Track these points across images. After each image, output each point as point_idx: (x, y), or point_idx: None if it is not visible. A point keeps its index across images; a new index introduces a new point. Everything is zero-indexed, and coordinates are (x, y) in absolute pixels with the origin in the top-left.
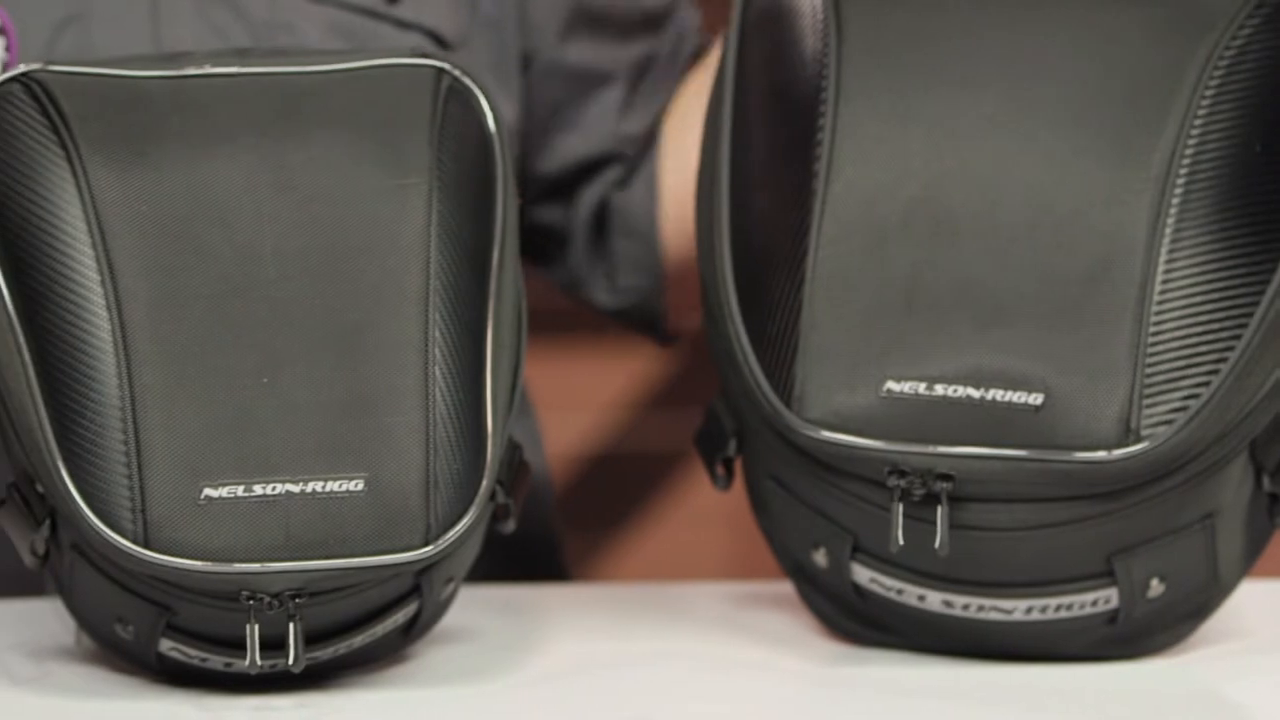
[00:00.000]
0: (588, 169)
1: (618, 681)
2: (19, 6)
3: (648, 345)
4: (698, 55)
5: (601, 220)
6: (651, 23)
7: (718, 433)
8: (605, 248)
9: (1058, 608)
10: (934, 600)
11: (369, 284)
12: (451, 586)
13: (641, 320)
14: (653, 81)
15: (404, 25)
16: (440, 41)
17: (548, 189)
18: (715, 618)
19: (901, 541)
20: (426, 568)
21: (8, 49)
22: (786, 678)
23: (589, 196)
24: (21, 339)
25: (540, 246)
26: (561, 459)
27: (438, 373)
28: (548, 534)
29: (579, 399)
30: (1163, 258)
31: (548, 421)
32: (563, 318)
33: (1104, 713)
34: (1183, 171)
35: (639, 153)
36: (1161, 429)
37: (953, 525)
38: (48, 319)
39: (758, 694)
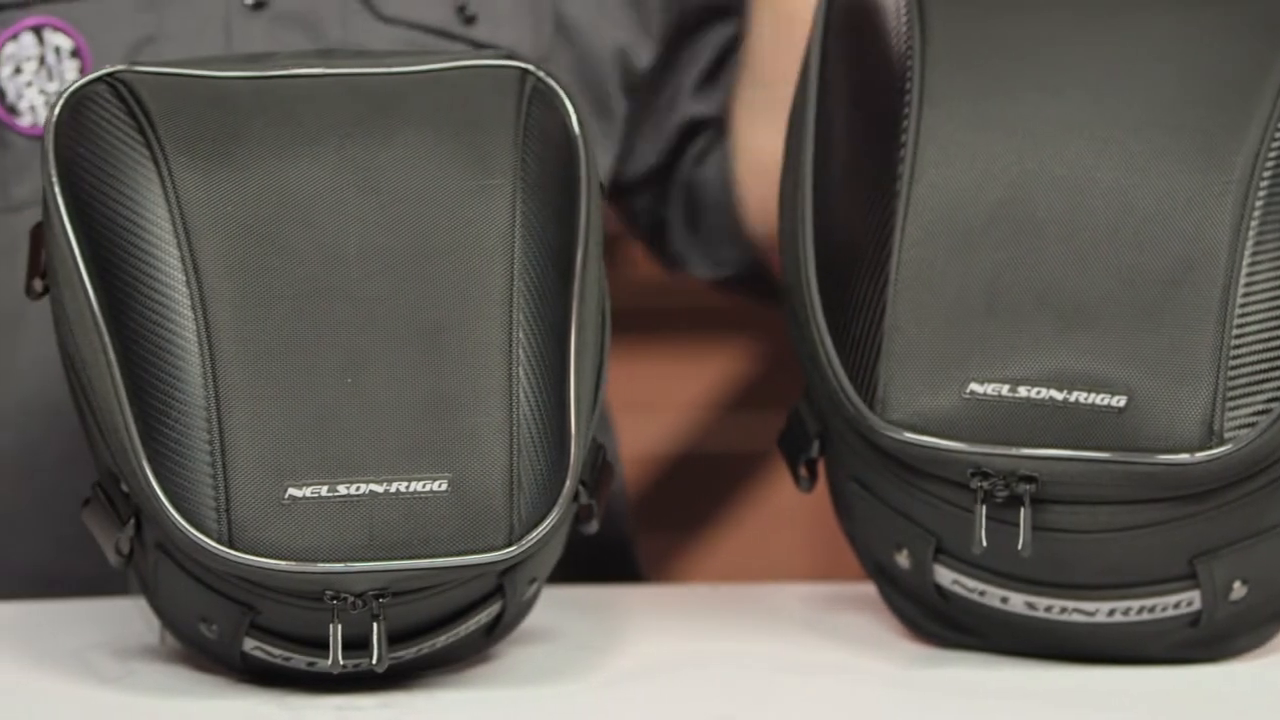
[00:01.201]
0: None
1: (698, 682)
2: (93, 29)
3: (729, 346)
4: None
5: (689, 197)
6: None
7: (801, 434)
8: (697, 223)
9: (1140, 610)
10: (1016, 602)
11: (453, 284)
12: (534, 587)
13: (751, 285)
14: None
15: (479, 46)
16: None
17: (640, 183)
18: (796, 619)
19: (984, 543)
20: (509, 568)
21: (82, 71)
22: (868, 680)
23: (678, 178)
24: (107, 339)
25: (645, 232)
26: (642, 460)
27: (521, 373)
28: (621, 537)
29: (660, 399)
30: (1245, 260)
31: (628, 422)
32: (646, 318)
33: (1186, 715)
34: (1266, 174)
35: (715, 133)
36: (1244, 431)
37: (1035, 527)
38: (133, 319)
39: (838, 696)
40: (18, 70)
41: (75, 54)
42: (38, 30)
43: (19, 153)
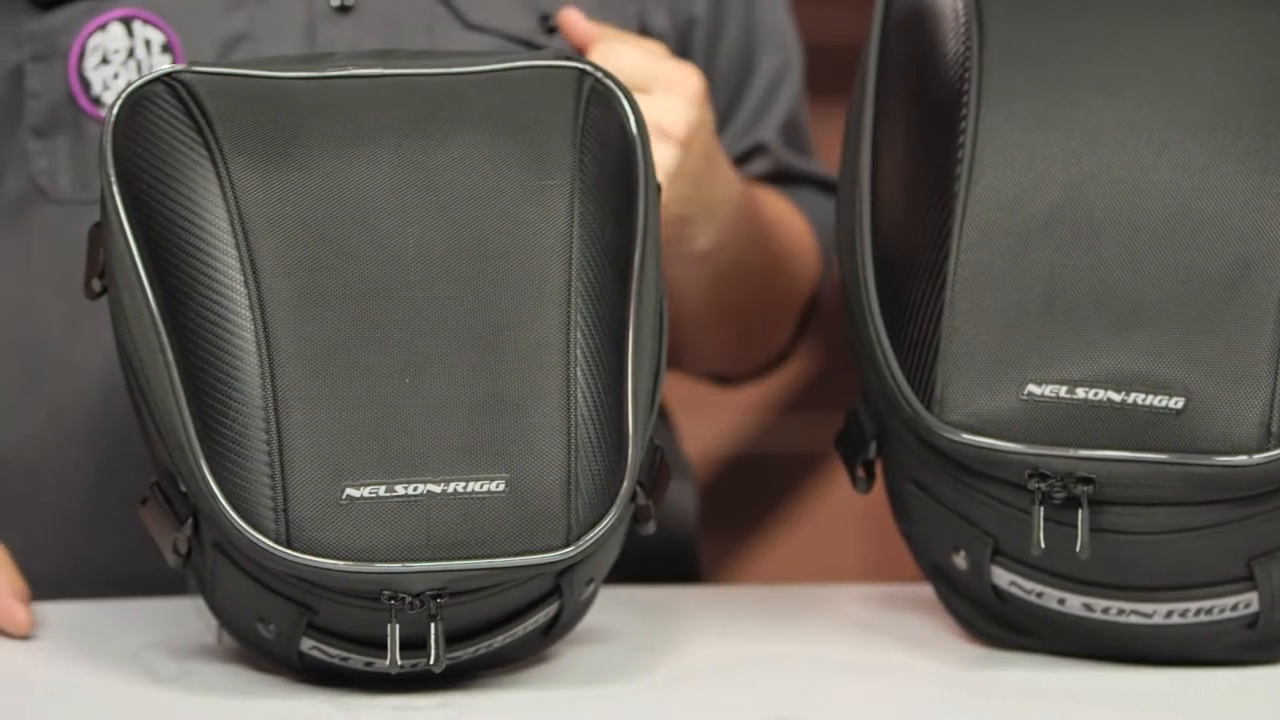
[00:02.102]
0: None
1: (755, 683)
2: (185, 24)
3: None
4: None
5: None
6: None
7: (858, 435)
8: None
9: (1197, 611)
10: (1074, 603)
11: (511, 285)
12: (591, 587)
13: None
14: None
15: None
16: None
17: None
18: (853, 620)
19: (1042, 545)
20: (567, 568)
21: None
22: (925, 680)
23: None
24: (165, 338)
25: None
26: (699, 460)
27: (579, 374)
28: (688, 535)
29: (717, 400)
30: None
31: (685, 422)
32: None
33: (1243, 717)
34: None
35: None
36: None
37: (1093, 528)
38: (191, 319)
39: (895, 697)
40: (104, 61)
41: (167, 49)
42: (127, 22)
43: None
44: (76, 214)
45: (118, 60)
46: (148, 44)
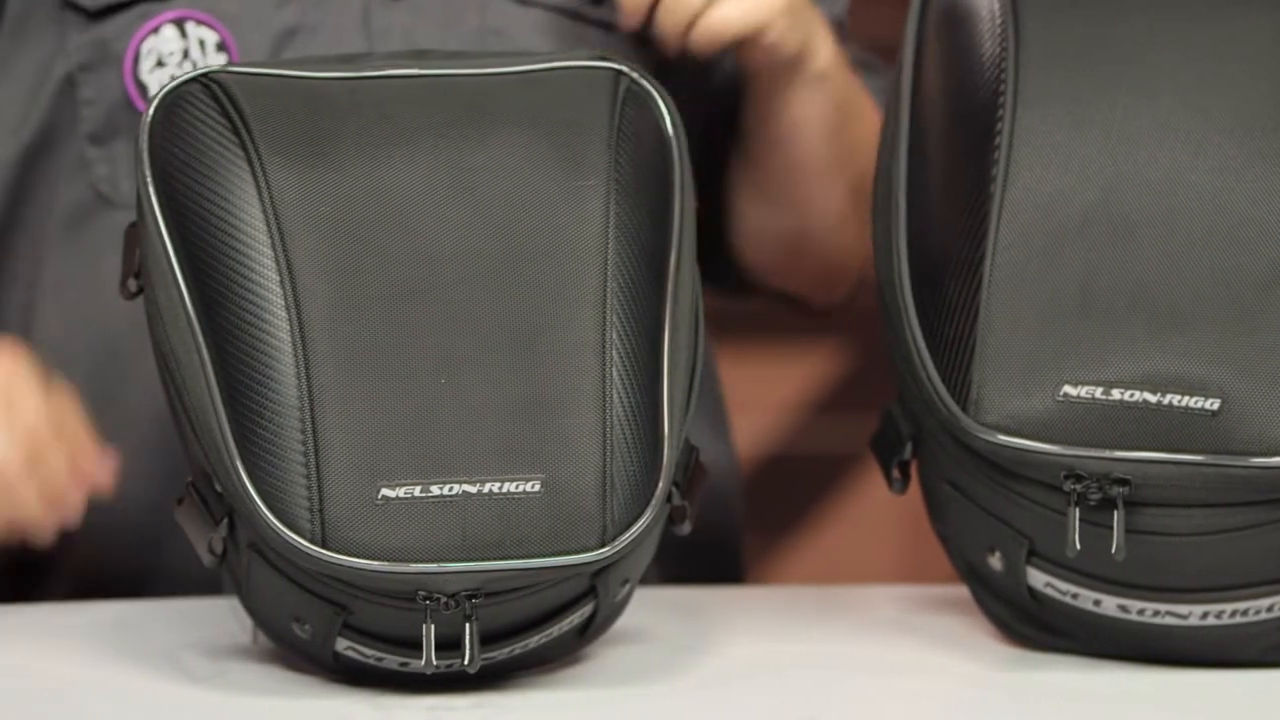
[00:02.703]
0: None
1: (790, 683)
2: (237, 21)
3: (821, 347)
4: None
5: None
6: None
7: (894, 436)
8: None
9: (1233, 613)
10: (1109, 605)
11: (547, 286)
12: (627, 588)
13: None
14: None
15: (607, 27)
16: (643, 41)
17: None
18: (889, 620)
19: (1078, 546)
20: (602, 569)
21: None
22: (960, 681)
23: None
24: (201, 338)
25: None
26: None
27: (615, 374)
28: (731, 537)
29: (752, 401)
30: None
31: None
32: (738, 319)
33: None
34: None
35: None
36: None
37: (1129, 530)
38: (227, 318)
39: (930, 697)
40: (159, 64)
41: (221, 47)
42: (179, 23)
43: None
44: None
45: (173, 62)
46: (202, 44)
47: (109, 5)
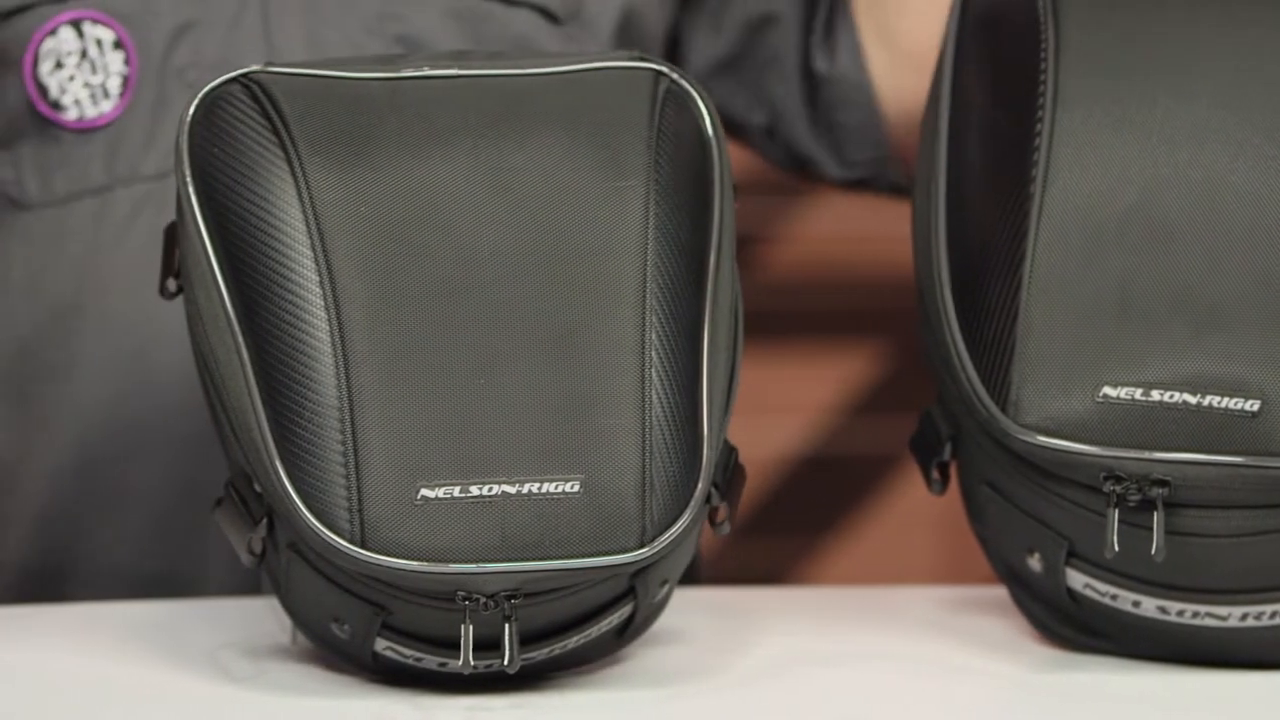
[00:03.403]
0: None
1: (828, 684)
2: (134, 21)
3: (860, 348)
4: None
5: (815, 94)
6: None
7: (933, 437)
8: (827, 121)
9: (1273, 615)
10: (1149, 606)
11: (586, 286)
12: (666, 588)
13: (877, 187)
14: None
15: (512, 4)
16: (550, 16)
17: (721, 66)
18: (927, 621)
19: (1117, 547)
20: (641, 570)
21: (127, 62)
22: (999, 683)
23: (749, 75)
24: (240, 339)
25: (738, 129)
26: (773, 462)
27: (654, 375)
28: None
29: (791, 402)
30: None
31: (760, 425)
32: (777, 320)
33: None
34: None
35: (826, 13)
36: None
37: (1168, 531)
38: (266, 319)
39: (969, 698)
40: (59, 65)
41: (118, 45)
42: (76, 24)
43: (65, 146)
44: (41, 216)
45: (71, 63)
46: (99, 43)
47: (5, 10)
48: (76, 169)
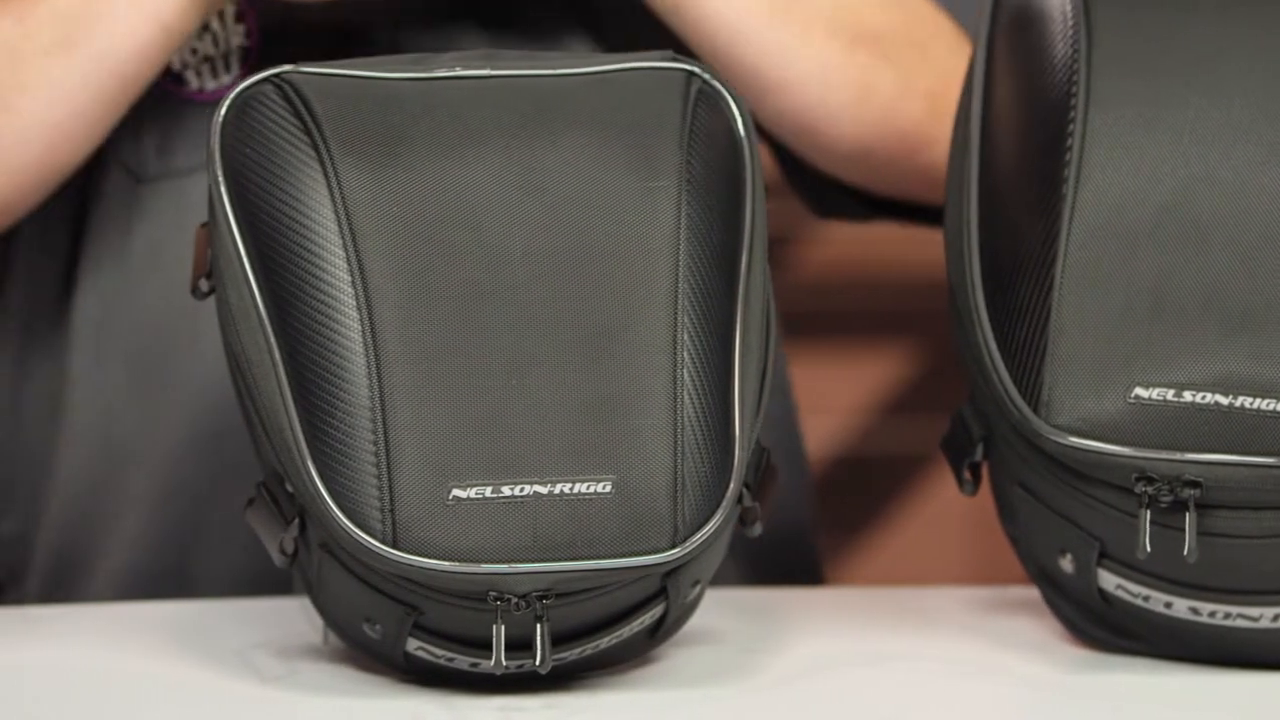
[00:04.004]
0: None
1: (861, 685)
2: None
3: (891, 349)
4: None
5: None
6: None
7: (965, 438)
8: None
9: None
10: (1180, 607)
11: (617, 286)
12: (698, 589)
13: (889, 214)
14: None
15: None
16: None
17: None
18: (958, 622)
19: (1149, 548)
20: (673, 570)
21: (248, 35)
22: (1030, 683)
23: None
24: (272, 339)
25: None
26: None
27: (686, 375)
28: (807, 538)
29: (822, 403)
30: None
31: None
32: (808, 321)
33: None
34: None
35: None
36: None
37: (1200, 532)
38: (298, 319)
39: (1000, 700)
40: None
41: (240, 18)
42: None
43: (186, 119)
44: (161, 190)
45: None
46: (221, 15)
47: None
48: (196, 142)
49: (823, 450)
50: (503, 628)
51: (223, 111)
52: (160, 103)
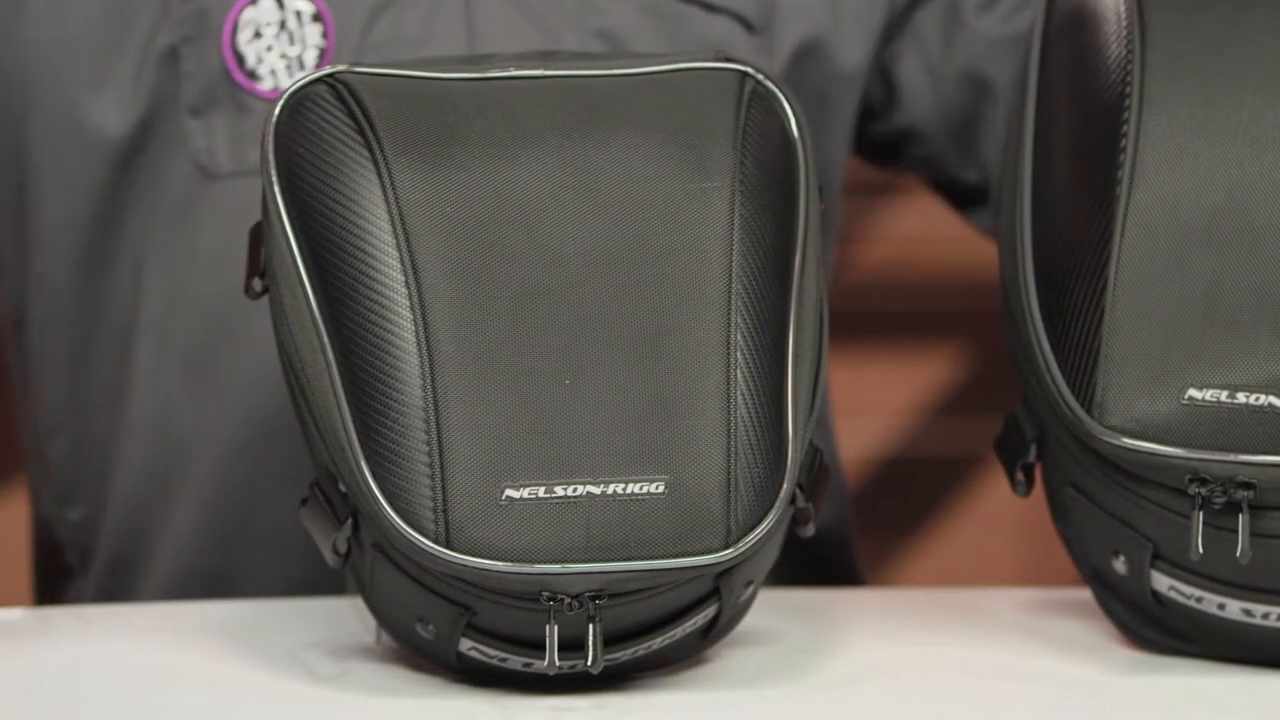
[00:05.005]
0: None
1: (914, 686)
2: None
3: (944, 350)
4: None
5: None
6: None
7: (1018, 439)
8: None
9: None
10: (1233, 608)
11: (671, 287)
12: (750, 589)
13: None
14: None
15: (711, 9)
16: (747, 25)
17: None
18: (1011, 624)
19: (1201, 550)
20: (726, 570)
21: (325, 35)
22: (1083, 686)
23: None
24: (326, 339)
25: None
26: (856, 463)
27: (739, 376)
28: (842, 538)
29: (874, 404)
30: None
31: (843, 426)
32: (862, 322)
33: None
34: None
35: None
36: None
37: (1253, 534)
38: (352, 319)
39: (1053, 702)
40: (257, 35)
41: (317, 18)
42: None
43: (259, 117)
44: (232, 187)
45: (270, 33)
46: (299, 15)
47: None
48: None
49: (875, 451)
50: (556, 628)
51: (276, 111)
52: (235, 99)
